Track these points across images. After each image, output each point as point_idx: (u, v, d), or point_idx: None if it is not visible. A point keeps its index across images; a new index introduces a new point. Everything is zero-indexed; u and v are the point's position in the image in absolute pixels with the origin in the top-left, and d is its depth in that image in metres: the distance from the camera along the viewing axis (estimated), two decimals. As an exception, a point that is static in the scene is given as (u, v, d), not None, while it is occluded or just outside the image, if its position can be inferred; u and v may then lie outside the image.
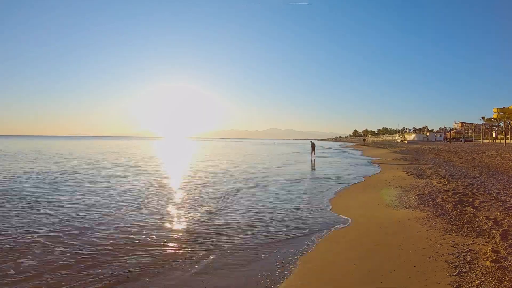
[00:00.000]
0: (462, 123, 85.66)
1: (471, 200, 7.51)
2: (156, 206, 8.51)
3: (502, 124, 53.98)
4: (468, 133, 76.31)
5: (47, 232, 6.08)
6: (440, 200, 7.88)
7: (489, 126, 67.91)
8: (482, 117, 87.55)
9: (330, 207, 8.49)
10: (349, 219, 7.14)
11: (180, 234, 6.17)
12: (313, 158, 25.89)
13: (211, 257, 4.96)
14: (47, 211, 7.77)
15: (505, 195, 7.77)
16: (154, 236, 5.93)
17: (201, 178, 14.43)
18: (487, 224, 5.55)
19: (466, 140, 64.90)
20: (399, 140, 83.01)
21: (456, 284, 3.57)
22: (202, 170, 18.44)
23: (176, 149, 52.31)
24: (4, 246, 5.34)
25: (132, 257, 4.90)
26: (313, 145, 26.94)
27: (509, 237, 4.76)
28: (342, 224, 6.77)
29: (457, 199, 7.75)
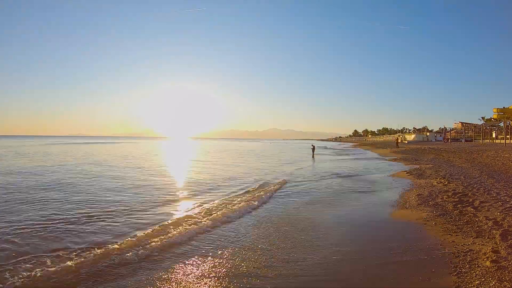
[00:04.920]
0: (462, 123, 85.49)
1: (471, 200, 7.52)
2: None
3: (502, 124, 53.93)
4: (468, 133, 76.11)
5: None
6: (440, 200, 7.88)
7: (489, 126, 67.79)
8: (482, 117, 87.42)
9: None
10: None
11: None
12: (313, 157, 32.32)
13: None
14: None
15: (505, 195, 7.78)
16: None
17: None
18: (487, 224, 5.56)
19: (466, 140, 64.81)
20: (399, 140, 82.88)
21: (456, 284, 3.57)
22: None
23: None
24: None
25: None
26: (313, 147, 34.92)
27: (509, 237, 4.77)
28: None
29: (457, 199, 7.75)
